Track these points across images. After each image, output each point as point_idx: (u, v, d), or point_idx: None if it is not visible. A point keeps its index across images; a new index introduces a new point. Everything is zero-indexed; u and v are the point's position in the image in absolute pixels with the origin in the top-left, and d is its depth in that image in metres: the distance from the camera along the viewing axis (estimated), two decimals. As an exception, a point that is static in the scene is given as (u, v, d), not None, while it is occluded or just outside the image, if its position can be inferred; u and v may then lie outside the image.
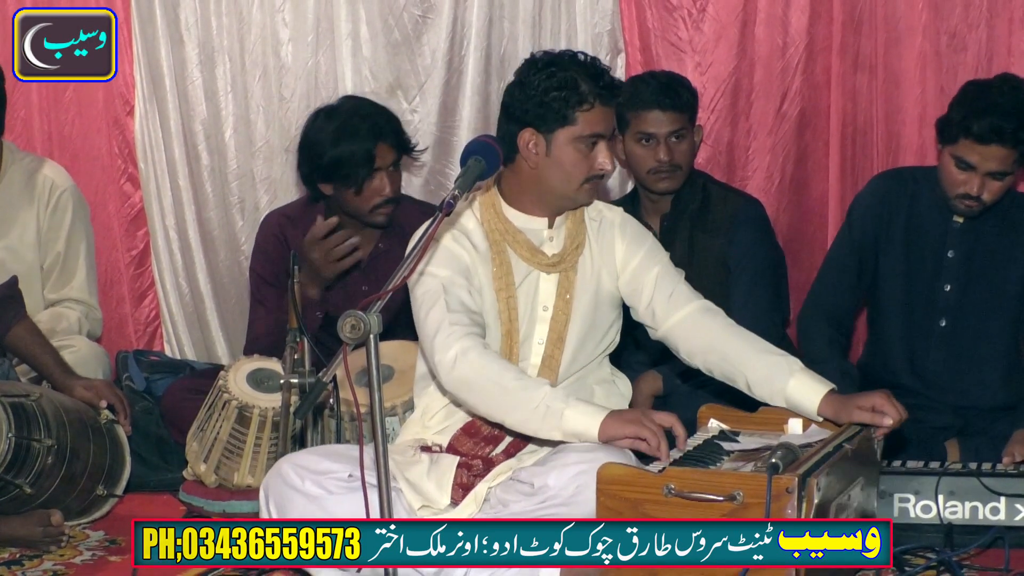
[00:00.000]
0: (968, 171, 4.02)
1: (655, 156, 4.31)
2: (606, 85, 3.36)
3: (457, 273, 3.39)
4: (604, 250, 3.52)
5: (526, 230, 3.47)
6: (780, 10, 4.87)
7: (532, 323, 3.45)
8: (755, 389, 3.36)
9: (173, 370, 4.88)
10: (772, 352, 3.38)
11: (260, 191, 5.31)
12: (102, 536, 4.00)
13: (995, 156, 3.97)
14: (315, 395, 2.94)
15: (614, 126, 3.46)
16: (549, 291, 3.46)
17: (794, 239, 4.92)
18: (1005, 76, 4.19)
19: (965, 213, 4.13)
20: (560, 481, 3.13)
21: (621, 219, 3.57)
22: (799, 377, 3.31)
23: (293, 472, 3.29)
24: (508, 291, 3.43)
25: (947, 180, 4.08)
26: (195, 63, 5.27)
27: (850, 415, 3.22)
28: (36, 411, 3.87)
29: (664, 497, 2.85)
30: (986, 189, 4.03)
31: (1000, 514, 3.68)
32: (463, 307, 3.35)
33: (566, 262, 3.47)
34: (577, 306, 3.46)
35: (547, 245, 3.47)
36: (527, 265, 3.45)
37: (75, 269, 4.80)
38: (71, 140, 5.36)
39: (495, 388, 3.23)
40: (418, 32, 5.16)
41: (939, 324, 4.22)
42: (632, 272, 3.51)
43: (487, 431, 3.40)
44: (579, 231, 3.50)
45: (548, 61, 3.39)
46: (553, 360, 3.44)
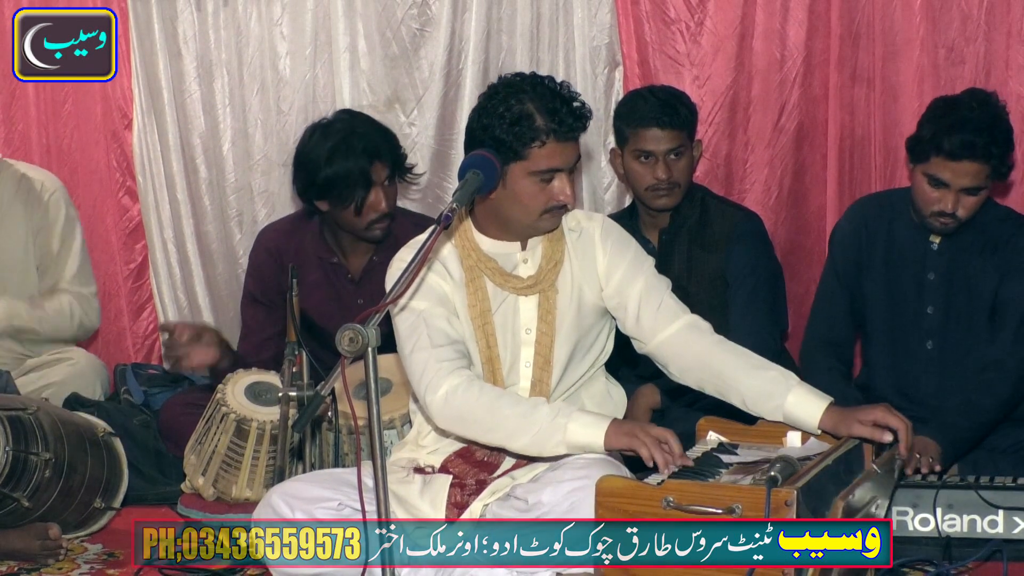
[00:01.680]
0: (941, 188, 4.00)
1: (653, 174, 4.31)
2: (562, 120, 3.26)
3: (435, 303, 3.34)
4: (585, 263, 3.47)
5: (497, 256, 3.41)
6: (778, 23, 4.87)
7: (516, 347, 3.41)
8: (752, 406, 3.33)
9: (171, 384, 4.88)
10: (767, 367, 3.35)
11: (258, 204, 5.31)
12: (100, 549, 3.99)
13: (968, 172, 3.95)
14: (313, 408, 2.95)
15: (576, 156, 3.33)
16: (530, 314, 3.41)
17: (792, 252, 4.93)
18: (973, 91, 4.17)
19: (941, 231, 4.11)
20: (554, 498, 3.12)
21: (602, 228, 3.50)
22: (797, 392, 3.29)
23: (283, 503, 3.28)
24: (484, 318, 3.38)
25: (921, 199, 4.07)
26: (193, 76, 5.28)
27: (850, 428, 3.21)
28: (34, 424, 3.87)
29: (663, 510, 2.85)
30: (960, 205, 4.00)
31: (998, 527, 3.67)
32: (446, 339, 3.31)
33: (543, 282, 3.41)
34: (560, 326, 3.41)
35: (521, 268, 3.42)
36: (502, 290, 3.40)
37: (66, 264, 4.83)
38: (69, 153, 5.36)
39: (492, 418, 3.22)
40: (416, 45, 5.17)
41: (925, 347, 4.21)
42: (616, 285, 3.45)
43: (482, 456, 3.37)
44: (556, 249, 3.44)
45: (508, 91, 3.30)
46: (543, 383, 3.40)
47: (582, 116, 3.30)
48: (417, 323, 3.32)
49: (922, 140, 4.01)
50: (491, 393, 3.24)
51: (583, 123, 3.30)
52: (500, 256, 3.42)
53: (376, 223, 4.36)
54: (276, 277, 4.40)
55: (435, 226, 3.06)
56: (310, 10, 5.19)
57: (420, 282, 3.34)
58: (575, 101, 3.30)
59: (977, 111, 3.98)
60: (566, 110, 3.26)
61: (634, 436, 3.11)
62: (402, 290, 2.97)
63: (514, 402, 3.23)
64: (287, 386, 3.65)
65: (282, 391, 3.67)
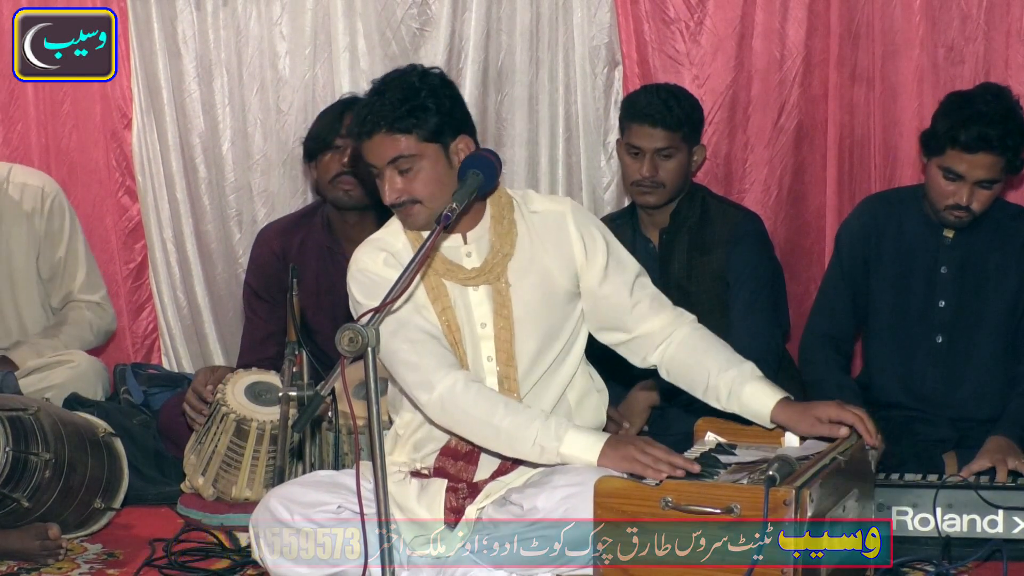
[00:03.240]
0: (957, 181, 4.03)
1: (639, 170, 4.31)
2: (354, 123, 3.34)
3: (404, 300, 3.29)
4: (554, 246, 3.41)
5: (444, 248, 3.37)
6: (777, 23, 4.87)
7: (475, 341, 3.36)
8: (709, 396, 3.35)
9: (171, 384, 4.88)
10: (732, 360, 3.36)
11: (258, 204, 5.31)
12: (100, 549, 3.99)
13: (983, 164, 3.99)
14: (313, 408, 2.95)
15: (388, 158, 3.27)
16: (483, 308, 3.37)
17: (792, 252, 4.93)
18: (986, 85, 4.22)
19: (955, 224, 4.14)
20: (549, 503, 3.12)
21: (572, 212, 3.44)
22: (754, 384, 3.30)
23: (281, 506, 3.28)
24: (446, 314, 3.34)
25: (935, 192, 4.09)
26: (193, 76, 5.28)
27: (808, 427, 3.23)
28: (34, 425, 3.87)
29: (661, 510, 2.85)
30: (975, 199, 4.04)
31: (998, 527, 3.67)
32: (424, 334, 3.30)
33: (490, 274, 3.36)
34: (521, 320, 3.36)
35: (466, 260, 3.39)
36: (450, 282, 3.37)
37: (75, 274, 4.86)
38: (68, 153, 5.36)
39: (487, 428, 3.22)
40: (415, 45, 5.16)
41: (935, 340, 4.22)
42: (597, 272, 3.41)
43: (464, 449, 3.35)
44: (504, 241, 3.38)
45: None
46: (509, 379, 3.35)
47: (365, 122, 3.30)
48: (393, 325, 3.28)
49: (937, 133, 4.05)
50: (486, 403, 3.22)
51: (368, 127, 3.29)
52: (446, 248, 3.38)
53: (339, 180, 4.40)
54: (278, 273, 4.41)
55: (435, 225, 3.06)
56: (310, 10, 5.19)
57: (381, 280, 3.28)
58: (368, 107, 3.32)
59: (992, 104, 4.02)
60: (362, 114, 3.30)
61: (633, 460, 3.06)
62: (401, 290, 2.97)
63: (507, 411, 3.21)
64: (287, 386, 3.65)
65: (282, 391, 3.67)
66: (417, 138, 3.29)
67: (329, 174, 4.41)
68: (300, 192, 5.26)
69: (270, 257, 4.54)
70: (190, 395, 4.35)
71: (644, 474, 3.00)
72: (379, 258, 3.37)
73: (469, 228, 3.39)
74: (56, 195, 4.84)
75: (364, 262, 3.38)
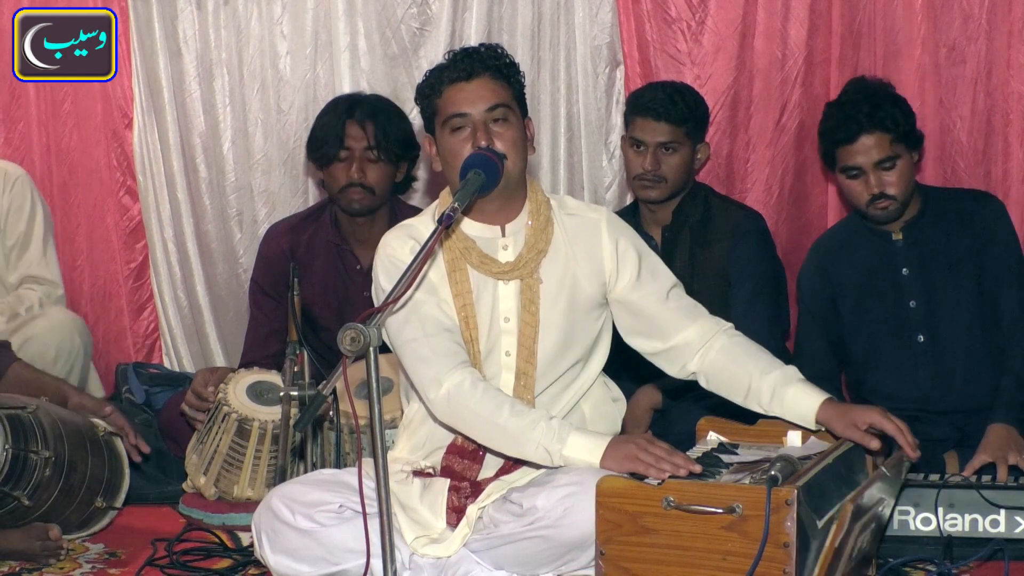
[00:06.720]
0: (860, 176, 4.11)
1: (642, 164, 4.32)
2: (443, 68, 3.37)
3: (423, 291, 3.33)
4: (586, 253, 3.42)
5: (479, 239, 3.39)
6: (779, 23, 4.87)
7: (497, 335, 3.37)
8: (750, 400, 3.35)
9: (173, 383, 4.89)
10: (774, 364, 3.37)
11: (258, 204, 5.31)
12: (102, 549, 3.99)
13: (871, 146, 4.07)
14: (315, 408, 2.95)
15: (490, 103, 3.28)
16: (510, 302, 3.37)
17: (793, 251, 4.92)
18: (854, 81, 4.35)
19: (886, 217, 4.17)
20: (548, 503, 3.12)
21: (607, 218, 3.47)
22: (798, 386, 3.30)
23: (283, 506, 3.28)
24: (466, 310, 3.34)
25: (853, 197, 4.18)
26: (193, 76, 5.28)
27: (844, 430, 3.22)
28: (33, 423, 3.86)
29: (663, 509, 2.85)
30: (885, 183, 4.10)
31: (1000, 526, 3.67)
32: (439, 327, 3.30)
33: (523, 269, 3.36)
34: (546, 317, 3.37)
35: (501, 254, 3.39)
36: (483, 277, 3.37)
37: (29, 245, 4.87)
38: (69, 153, 5.36)
39: (491, 428, 3.21)
40: (416, 44, 5.17)
41: (917, 340, 4.23)
42: (629, 282, 3.42)
43: (470, 448, 3.36)
44: (541, 237, 3.39)
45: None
46: (527, 376, 3.36)
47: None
48: (409, 313, 3.30)
49: (824, 146, 4.21)
50: (492, 402, 3.21)
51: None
52: (481, 239, 3.39)
53: (349, 190, 4.38)
54: (286, 270, 4.40)
55: (436, 225, 3.06)
56: (310, 9, 5.19)
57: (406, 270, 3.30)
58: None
59: (851, 94, 4.19)
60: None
61: (635, 459, 3.04)
62: (402, 290, 2.97)
63: (512, 413, 3.20)
64: (288, 385, 3.65)
65: (283, 390, 3.67)
66: (512, 94, 3.30)
67: (338, 184, 4.41)
68: (301, 192, 5.26)
69: (279, 254, 4.55)
70: (190, 396, 4.35)
71: (646, 473, 2.99)
72: (407, 246, 3.37)
73: (508, 220, 3.40)
74: (20, 177, 4.92)
75: (392, 247, 3.40)
